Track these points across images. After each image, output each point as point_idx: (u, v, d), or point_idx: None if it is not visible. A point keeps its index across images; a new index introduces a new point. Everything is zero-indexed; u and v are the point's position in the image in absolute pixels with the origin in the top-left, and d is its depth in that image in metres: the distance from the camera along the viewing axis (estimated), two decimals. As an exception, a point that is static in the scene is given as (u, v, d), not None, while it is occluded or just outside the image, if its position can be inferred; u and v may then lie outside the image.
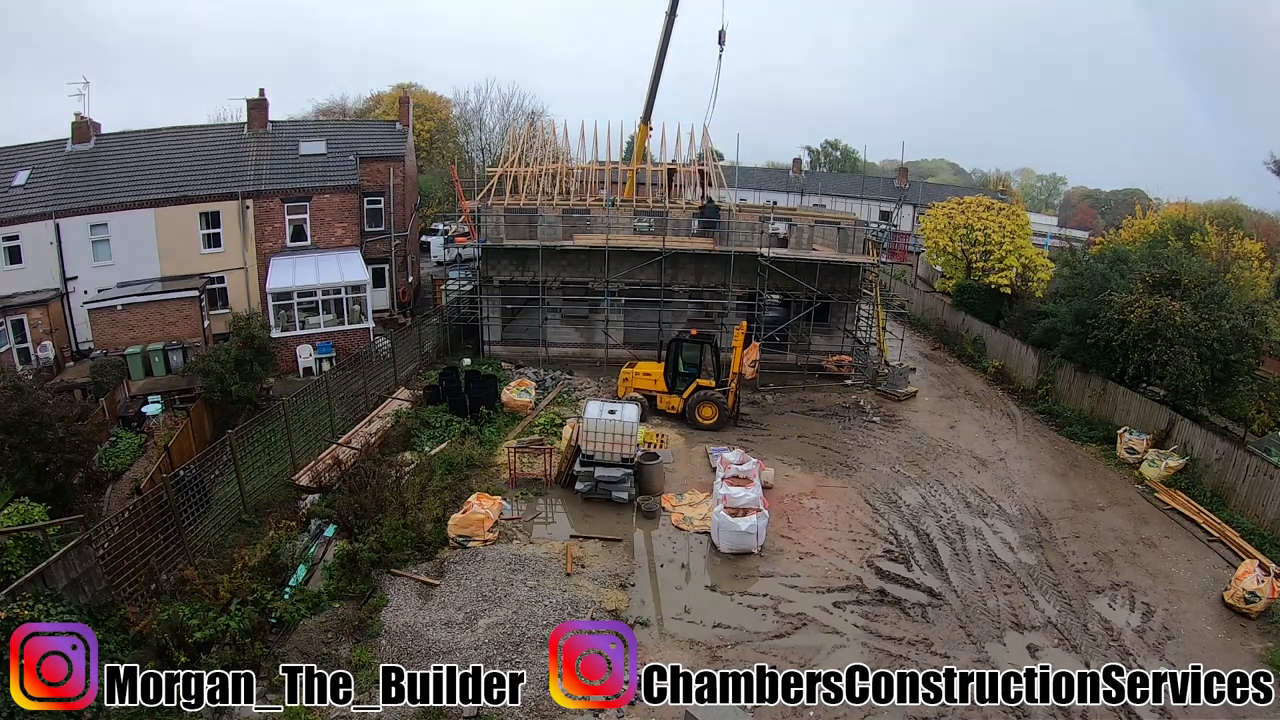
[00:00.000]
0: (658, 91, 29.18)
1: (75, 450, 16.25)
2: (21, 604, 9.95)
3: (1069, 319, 22.93)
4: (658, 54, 28.35)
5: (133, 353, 22.91)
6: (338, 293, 25.42)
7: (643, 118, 29.94)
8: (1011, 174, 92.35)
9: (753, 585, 13.87)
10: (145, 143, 27.70)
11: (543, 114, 52.09)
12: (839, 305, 26.68)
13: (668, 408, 21.54)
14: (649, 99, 29.33)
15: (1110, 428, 21.46)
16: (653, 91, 29.14)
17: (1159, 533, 16.69)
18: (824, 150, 77.60)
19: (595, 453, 16.58)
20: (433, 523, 14.72)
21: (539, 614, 12.35)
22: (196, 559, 13.08)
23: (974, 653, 12.26)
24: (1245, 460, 17.53)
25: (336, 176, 27.97)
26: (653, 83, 28.96)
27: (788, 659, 11.76)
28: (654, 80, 28.92)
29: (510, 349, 26.63)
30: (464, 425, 19.68)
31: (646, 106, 29.57)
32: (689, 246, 25.95)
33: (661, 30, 27.81)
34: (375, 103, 50.53)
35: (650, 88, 29.10)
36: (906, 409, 23.80)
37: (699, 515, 16.00)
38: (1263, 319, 21.03)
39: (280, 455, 17.14)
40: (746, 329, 21.59)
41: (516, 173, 28.65)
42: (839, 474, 18.80)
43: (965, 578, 14.46)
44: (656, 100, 29.44)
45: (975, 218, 31.59)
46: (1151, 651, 12.55)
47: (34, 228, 24.35)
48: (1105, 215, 67.93)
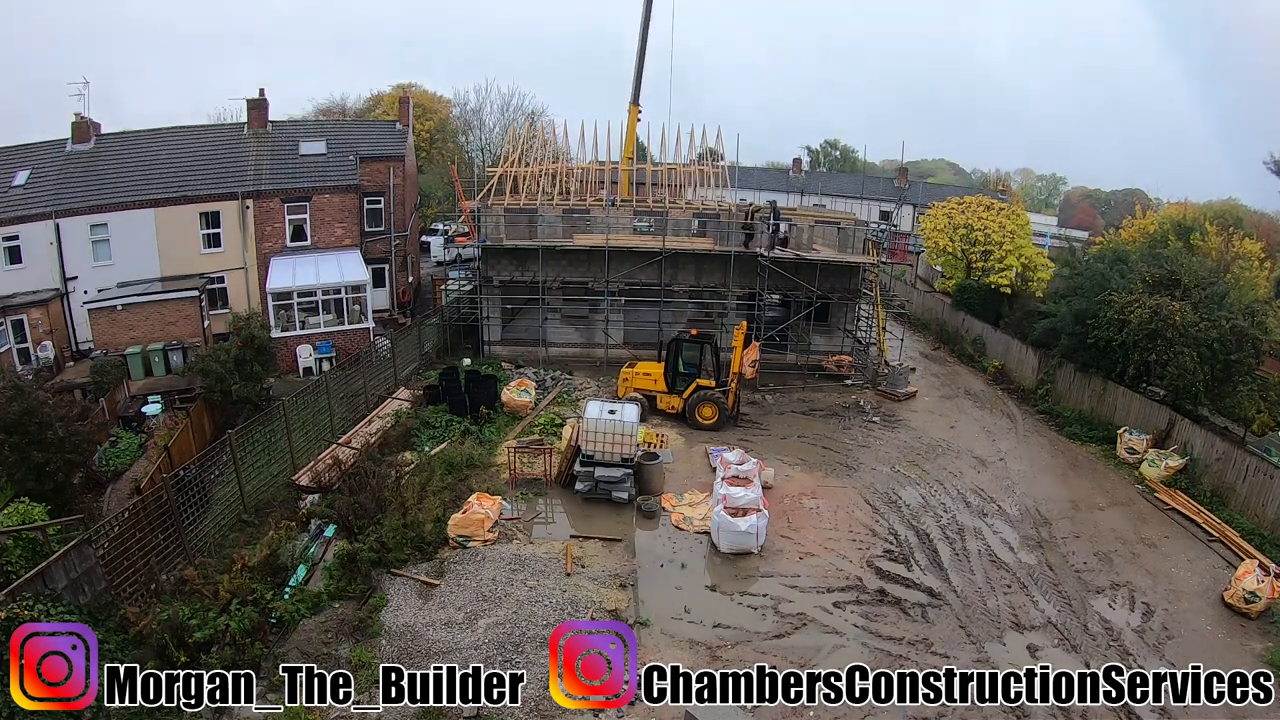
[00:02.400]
0: (644, 72, 29.17)
1: (75, 450, 16.27)
2: (21, 604, 9.97)
3: (1069, 319, 22.92)
4: (640, 32, 28.38)
5: (133, 353, 22.91)
6: (338, 293, 25.42)
7: (632, 99, 29.80)
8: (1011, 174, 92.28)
9: (753, 585, 13.87)
10: (145, 143, 27.68)
11: (543, 114, 52.13)
12: (839, 305, 26.69)
13: (668, 408, 21.54)
14: (636, 80, 29.29)
15: (1110, 428, 21.46)
16: (639, 72, 29.12)
17: (1159, 533, 16.70)
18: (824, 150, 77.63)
19: (595, 453, 16.58)
20: (433, 523, 14.72)
21: (539, 614, 12.35)
22: (196, 559, 13.09)
23: (974, 653, 12.26)
24: (1245, 460, 17.53)
25: (336, 176, 27.96)
26: (638, 63, 28.95)
27: (788, 659, 11.75)
28: (639, 60, 28.91)
29: (510, 349, 26.62)
30: (464, 425, 19.68)
31: (634, 88, 29.50)
32: (689, 246, 25.95)
33: (642, 6, 27.93)
34: (375, 103, 50.51)
35: (636, 68, 29.08)
36: (906, 409, 23.80)
37: (699, 515, 16.00)
38: (1263, 319, 21.02)
39: (280, 455, 17.13)
40: (746, 329, 21.60)
41: (516, 173, 28.66)
42: (839, 474, 18.80)
43: (965, 578, 14.46)
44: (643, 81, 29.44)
45: (975, 218, 31.60)
46: (1151, 651, 12.56)
47: (34, 228, 24.33)
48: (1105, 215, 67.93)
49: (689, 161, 31.83)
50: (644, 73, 29.18)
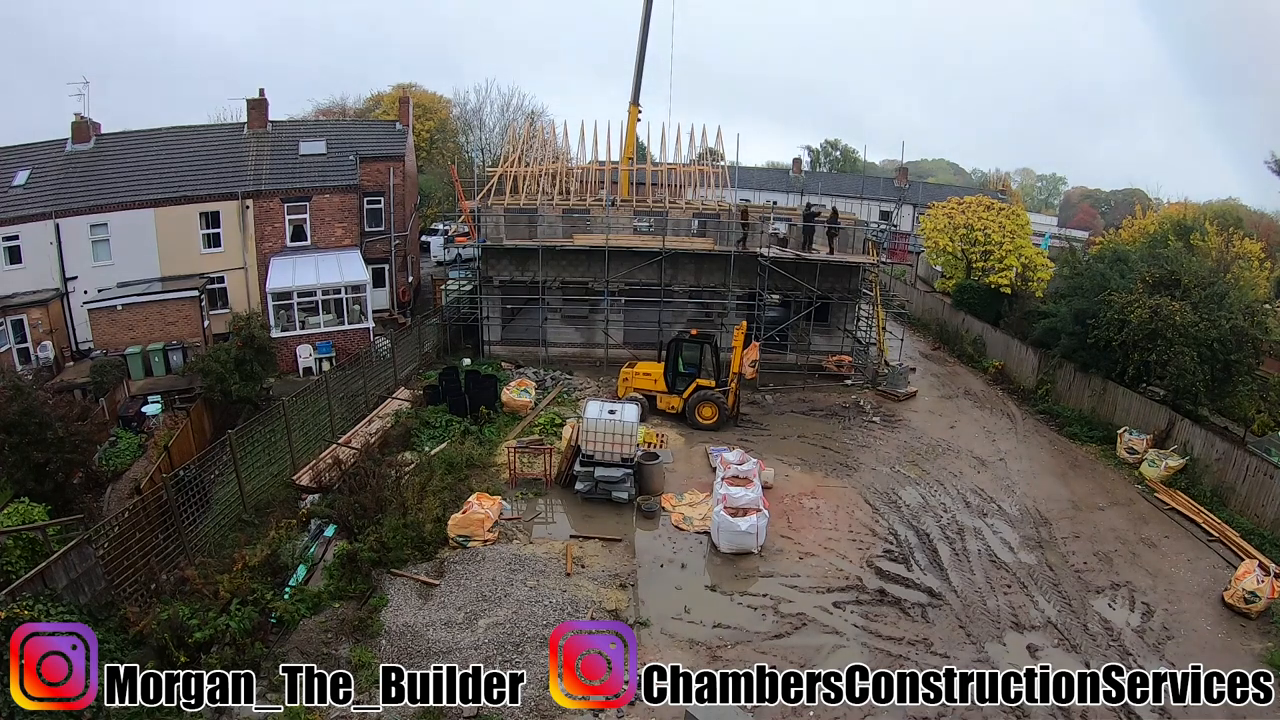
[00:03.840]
0: (644, 71, 29.15)
1: (75, 450, 16.25)
2: (21, 604, 9.96)
3: (1069, 319, 22.92)
4: (640, 32, 28.37)
5: (133, 353, 22.91)
6: (338, 293, 25.42)
7: (631, 99, 29.78)
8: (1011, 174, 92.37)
9: (753, 585, 13.87)
10: (145, 143, 27.68)
11: (542, 114, 52.15)
12: (839, 305, 26.70)
13: (668, 408, 21.54)
14: (636, 80, 29.28)
15: (1110, 428, 21.45)
16: (639, 72, 29.11)
17: (1159, 533, 16.70)
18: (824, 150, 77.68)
19: (595, 453, 16.58)
20: (433, 523, 14.71)
21: (539, 614, 12.35)
22: (196, 559, 13.07)
23: (974, 653, 12.26)
24: (1245, 460, 17.52)
25: (336, 176, 27.97)
26: (638, 63, 28.94)
27: (788, 659, 11.76)
28: (639, 60, 28.90)
29: (510, 349, 26.62)
30: (464, 425, 19.68)
31: (634, 87, 29.49)
32: (689, 246, 25.95)
33: (642, 6, 27.92)
34: (375, 103, 50.51)
35: (636, 68, 29.07)
36: (906, 409, 23.80)
37: (699, 515, 16.00)
38: (1263, 319, 21.04)
39: (280, 455, 17.14)
40: (746, 329, 21.61)
41: (516, 172, 28.64)
42: (839, 474, 18.80)
43: (965, 578, 14.46)
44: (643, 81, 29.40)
45: (975, 218, 31.59)
46: (1151, 651, 12.55)
47: (34, 228, 24.33)
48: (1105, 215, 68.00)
49: (689, 161, 31.84)
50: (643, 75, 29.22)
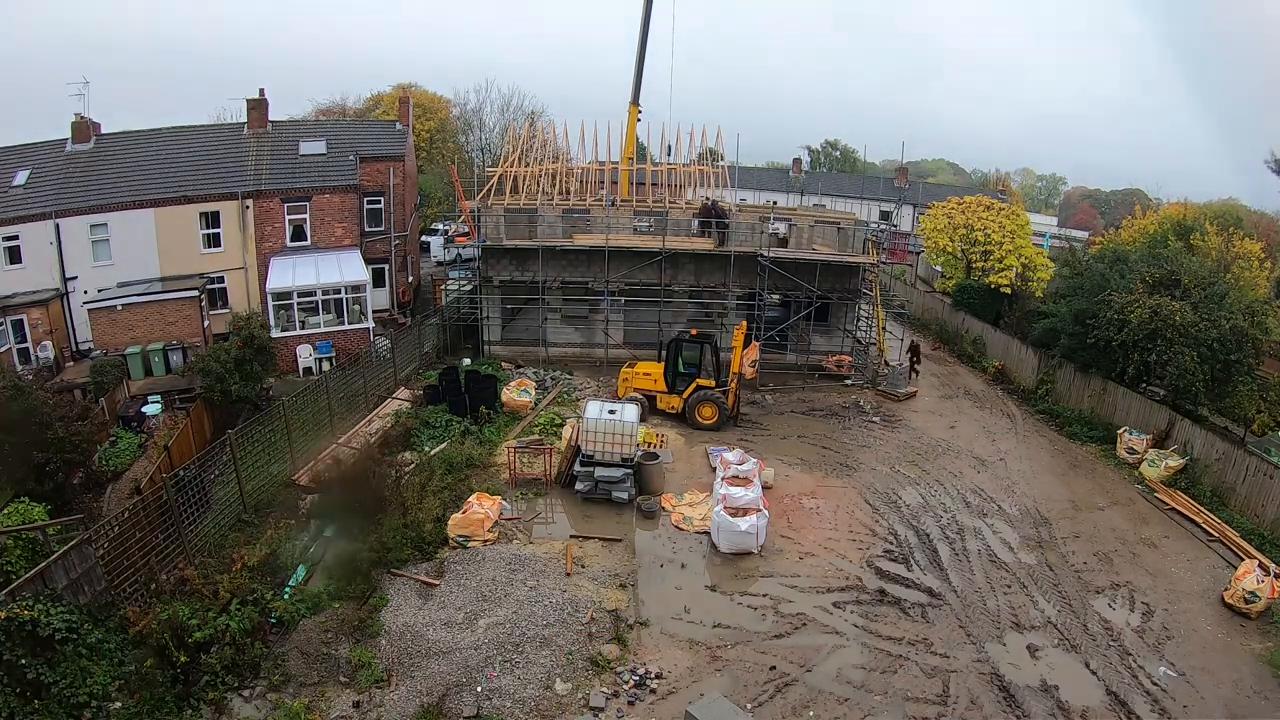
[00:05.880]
0: (644, 72, 29.16)
1: (75, 450, 16.26)
2: (21, 604, 9.94)
3: (1069, 319, 22.92)
4: (640, 32, 28.36)
5: (133, 353, 22.91)
6: (338, 293, 25.41)
7: (632, 99, 29.81)
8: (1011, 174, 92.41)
9: (752, 585, 13.87)
10: (145, 143, 27.67)
11: (542, 114, 52.16)
12: (839, 305, 26.69)
13: (668, 408, 21.54)
14: (636, 80, 29.29)
15: (1110, 428, 21.46)
16: (639, 72, 29.12)
17: (1159, 533, 16.70)
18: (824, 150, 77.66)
19: (595, 453, 16.58)
20: (433, 523, 14.72)
21: (539, 614, 12.34)
22: (196, 559, 13.07)
23: (974, 653, 12.26)
24: (1245, 460, 17.52)
25: (336, 176, 27.96)
26: (638, 63, 28.94)
27: (788, 659, 11.76)
28: (639, 60, 28.90)
29: (510, 349, 26.62)
30: (464, 425, 19.68)
31: (634, 88, 29.50)
32: (689, 246, 25.95)
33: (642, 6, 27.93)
34: (375, 103, 50.53)
35: (636, 68, 29.08)
36: (906, 409, 23.80)
37: (699, 515, 16.00)
38: (1263, 319, 21.02)
39: (280, 455, 17.13)
40: (746, 329, 21.60)
41: (516, 173, 28.64)
42: (839, 474, 18.80)
43: (965, 578, 14.46)
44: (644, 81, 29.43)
45: (975, 218, 31.60)
46: (1151, 651, 12.56)
47: (34, 228, 24.33)
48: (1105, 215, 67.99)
49: (689, 161, 31.84)
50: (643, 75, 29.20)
